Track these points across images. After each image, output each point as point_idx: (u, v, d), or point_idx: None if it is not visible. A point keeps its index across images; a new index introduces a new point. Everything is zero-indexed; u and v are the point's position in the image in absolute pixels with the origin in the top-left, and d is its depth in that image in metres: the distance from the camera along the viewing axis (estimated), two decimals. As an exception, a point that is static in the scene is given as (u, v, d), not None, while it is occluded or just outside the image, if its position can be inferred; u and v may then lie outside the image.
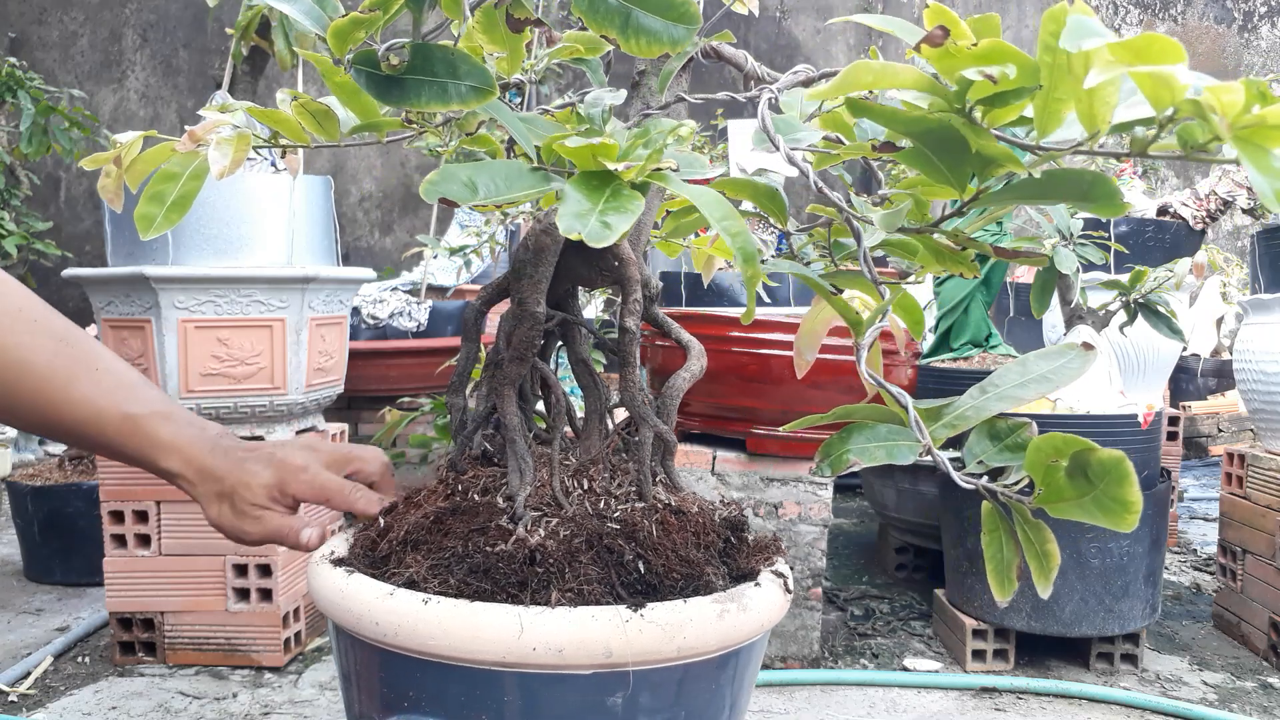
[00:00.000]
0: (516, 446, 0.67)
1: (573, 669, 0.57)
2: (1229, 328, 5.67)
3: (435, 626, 0.57)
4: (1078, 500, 0.50)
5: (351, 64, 0.61)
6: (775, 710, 1.98)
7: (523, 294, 0.67)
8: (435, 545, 0.64)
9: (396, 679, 0.60)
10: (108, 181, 0.75)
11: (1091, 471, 0.48)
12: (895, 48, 6.90)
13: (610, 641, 0.57)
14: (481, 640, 0.56)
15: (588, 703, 0.58)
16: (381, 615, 0.59)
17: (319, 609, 0.67)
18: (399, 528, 0.67)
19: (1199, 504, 4.15)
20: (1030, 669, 2.22)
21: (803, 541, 2.20)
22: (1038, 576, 0.54)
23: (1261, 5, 7.55)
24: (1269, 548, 2.32)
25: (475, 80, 0.60)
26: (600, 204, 0.51)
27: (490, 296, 0.73)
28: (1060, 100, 0.45)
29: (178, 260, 2.01)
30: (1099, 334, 2.27)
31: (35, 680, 2.05)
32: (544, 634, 0.56)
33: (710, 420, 2.22)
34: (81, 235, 6.06)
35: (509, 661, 0.56)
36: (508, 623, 0.56)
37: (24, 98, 3.68)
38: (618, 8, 0.58)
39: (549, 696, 0.57)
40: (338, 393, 2.37)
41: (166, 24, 6.42)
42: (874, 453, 0.59)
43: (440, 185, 0.52)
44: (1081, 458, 0.49)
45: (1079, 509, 0.50)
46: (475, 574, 0.60)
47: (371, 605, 0.60)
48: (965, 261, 0.70)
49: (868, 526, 3.61)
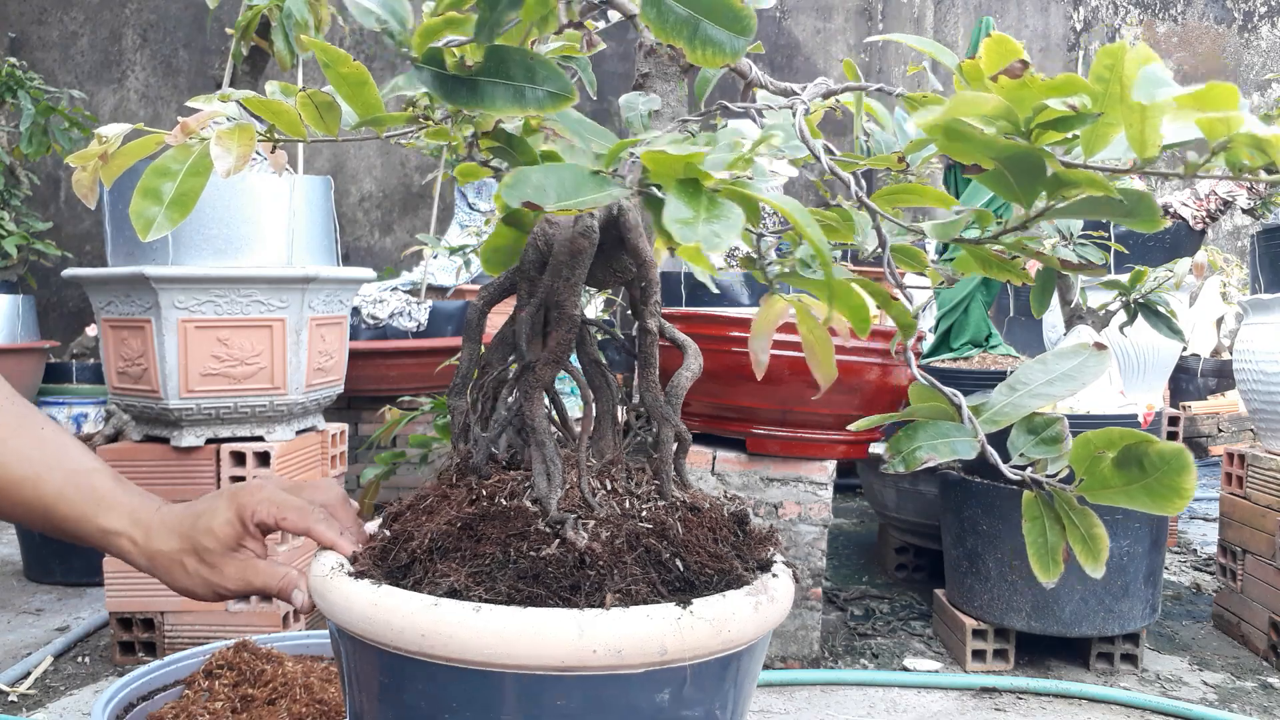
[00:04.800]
0: (546, 450, 0.66)
1: (628, 669, 0.57)
2: (1229, 328, 5.68)
3: (491, 635, 0.56)
4: (1124, 488, 0.55)
5: (418, 63, 0.60)
6: (775, 710, 1.98)
7: (560, 296, 0.66)
8: (471, 552, 0.62)
9: (440, 692, 0.59)
10: (83, 176, 0.72)
11: (1148, 461, 0.53)
12: (895, 51, 6.90)
13: (665, 639, 0.57)
14: (541, 645, 0.56)
15: (638, 701, 0.59)
16: (428, 627, 0.57)
17: (339, 625, 0.62)
18: (419, 535, 0.64)
19: (1199, 504, 4.15)
20: (1030, 669, 2.22)
21: (803, 541, 2.20)
22: (1085, 558, 0.58)
23: (1261, 5, 7.55)
24: (1269, 548, 2.32)
25: (553, 86, 0.59)
26: (702, 213, 0.51)
27: (492, 296, 0.73)
28: (1110, 125, 0.50)
29: (178, 260, 2.01)
30: (1099, 334, 2.28)
31: (35, 680, 2.05)
32: (603, 636, 0.56)
33: (710, 420, 2.22)
34: (81, 235, 6.06)
35: (568, 665, 0.56)
36: (567, 627, 0.56)
37: (24, 98, 3.68)
38: (687, 19, 0.57)
39: (604, 697, 0.58)
40: (338, 393, 2.37)
41: (166, 24, 6.42)
42: (941, 448, 0.61)
43: (516, 189, 0.52)
44: (1139, 449, 0.54)
45: (1124, 496, 0.55)
46: (524, 579, 0.60)
47: (414, 617, 0.58)
48: (1015, 270, 0.74)
49: (868, 526, 3.61)
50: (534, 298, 0.69)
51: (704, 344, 0.78)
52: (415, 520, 0.68)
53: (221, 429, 2.10)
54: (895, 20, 6.91)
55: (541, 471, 0.66)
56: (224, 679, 1.43)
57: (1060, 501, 0.58)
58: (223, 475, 2.08)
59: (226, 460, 2.08)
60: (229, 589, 0.72)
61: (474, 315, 0.72)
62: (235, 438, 2.12)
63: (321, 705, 1.40)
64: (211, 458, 2.08)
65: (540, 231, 0.68)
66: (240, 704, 1.39)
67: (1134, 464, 0.54)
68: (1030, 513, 0.60)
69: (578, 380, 0.74)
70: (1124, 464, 0.54)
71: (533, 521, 0.63)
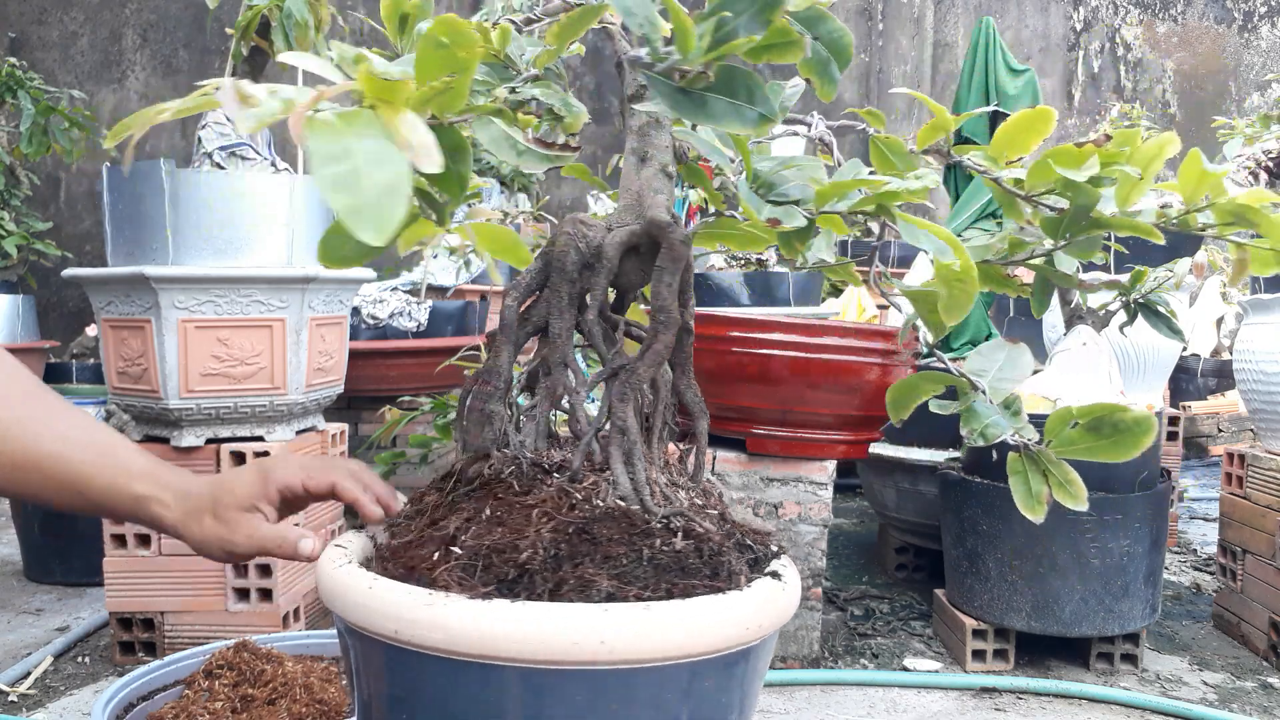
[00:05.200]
0: (636, 451, 0.68)
1: (753, 641, 0.62)
2: (1229, 328, 5.67)
3: (677, 629, 0.57)
4: (1091, 446, 0.70)
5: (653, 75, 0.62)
6: (775, 710, 1.98)
7: (665, 301, 0.69)
8: (601, 555, 0.61)
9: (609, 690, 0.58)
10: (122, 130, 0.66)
11: (1123, 425, 0.69)
12: (895, 51, 6.89)
13: (780, 615, 0.63)
14: (726, 628, 0.59)
15: (730, 675, 0.62)
16: (610, 633, 0.55)
17: (483, 653, 0.55)
18: (523, 548, 0.61)
19: (1199, 504, 4.15)
20: (1030, 669, 2.23)
21: (803, 541, 2.20)
22: (1066, 498, 0.72)
23: (1261, 5, 7.55)
24: (1269, 548, 2.32)
25: (764, 109, 0.62)
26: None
27: (523, 296, 0.72)
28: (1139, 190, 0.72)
29: (178, 260, 2.00)
30: (1099, 334, 2.27)
31: (35, 680, 2.05)
32: (753, 615, 0.61)
33: (710, 420, 2.22)
34: (81, 235, 6.06)
35: (745, 640, 0.60)
36: (740, 610, 0.60)
37: (24, 98, 3.68)
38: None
39: (734, 671, 0.62)
40: (338, 393, 2.37)
41: (166, 24, 6.42)
42: (993, 426, 0.74)
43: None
44: (1112, 417, 0.69)
45: (1087, 451, 0.70)
46: (670, 572, 0.62)
47: (596, 624, 0.55)
48: (1013, 285, 0.91)
49: (868, 526, 3.61)
50: (593, 298, 0.71)
51: (704, 344, 0.81)
52: (489, 531, 0.64)
53: (221, 429, 2.10)
54: (895, 20, 6.91)
55: (624, 471, 0.67)
56: (224, 679, 1.43)
57: (1042, 457, 0.72)
58: (223, 475, 2.08)
59: (226, 460, 2.08)
60: (239, 546, 0.73)
61: (511, 315, 0.71)
62: (235, 438, 2.12)
63: (321, 705, 1.40)
64: (211, 458, 2.08)
65: (578, 234, 0.69)
66: (240, 704, 1.39)
67: (1108, 427, 0.69)
68: (1014, 468, 0.73)
69: (656, 380, 0.74)
70: (1096, 428, 0.70)
71: (642, 519, 0.65)
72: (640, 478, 0.67)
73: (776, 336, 2.10)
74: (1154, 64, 7.66)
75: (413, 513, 0.72)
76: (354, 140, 0.46)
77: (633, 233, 0.71)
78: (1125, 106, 5.43)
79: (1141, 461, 2.14)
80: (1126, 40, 7.73)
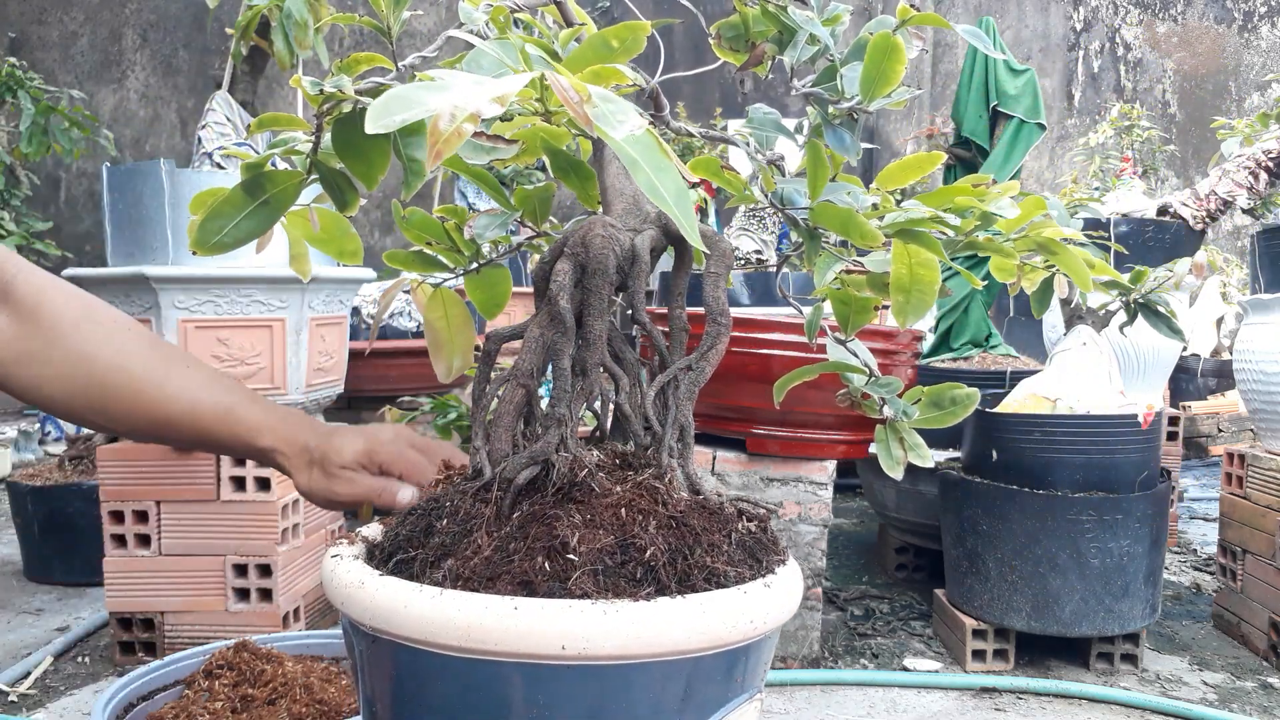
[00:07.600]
0: (691, 448, 0.72)
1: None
2: (1229, 328, 5.68)
3: (777, 605, 0.65)
4: (930, 418, 0.87)
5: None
6: (775, 710, 1.98)
7: (721, 303, 0.72)
8: (707, 545, 0.65)
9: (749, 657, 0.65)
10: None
11: (953, 400, 0.86)
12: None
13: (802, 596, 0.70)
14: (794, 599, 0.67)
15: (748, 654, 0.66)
16: (753, 616, 0.62)
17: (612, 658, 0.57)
18: (646, 541, 0.62)
19: (1199, 504, 4.15)
20: (1030, 669, 2.23)
21: (803, 541, 2.20)
22: (916, 459, 0.88)
23: (1261, 5, 7.55)
24: (1269, 548, 2.32)
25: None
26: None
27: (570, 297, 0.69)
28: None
29: (178, 260, 2.01)
30: (1099, 334, 2.27)
31: (35, 680, 2.05)
32: (785, 601, 0.66)
33: (710, 420, 2.22)
34: (81, 235, 6.06)
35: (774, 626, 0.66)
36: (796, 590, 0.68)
37: (24, 98, 3.68)
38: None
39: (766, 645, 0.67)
40: (338, 392, 2.37)
41: (166, 24, 6.42)
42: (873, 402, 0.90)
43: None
44: (945, 395, 0.87)
45: (928, 421, 0.87)
46: (754, 556, 0.67)
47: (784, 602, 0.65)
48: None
49: (868, 526, 3.61)
50: (636, 299, 0.72)
51: (704, 343, 0.82)
52: (593, 534, 0.62)
53: (221, 429, 2.10)
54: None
55: (678, 467, 0.70)
56: (224, 679, 1.43)
57: (899, 427, 0.88)
58: (222, 475, 2.08)
59: (226, 460, 2.08)
60: (341, 497, 0.82)
61: (569, 318, 0.67)
62: (235, 438, 2.12)
63: (321, 705, 1.40)
64: (211, 457, 2.08)
65: (609, 236, 0.69)
66: (240, 704, 1.39)
67: (946, 402, 0.87)
68: (879, 437, 0.89)
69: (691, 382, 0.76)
70: (937, 403, 0.87)
71: (717, 507, 0.69)
72: (691, 469, 0.71)
73: (776, 336, 2.10)
74: (1154, 64, 7.66)
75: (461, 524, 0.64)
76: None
77: (654, 236, 0.73)
78: (1125, 106, 5.43)
79: (1141, 461, 2.14)
80: (1126, 40, 7.73)
